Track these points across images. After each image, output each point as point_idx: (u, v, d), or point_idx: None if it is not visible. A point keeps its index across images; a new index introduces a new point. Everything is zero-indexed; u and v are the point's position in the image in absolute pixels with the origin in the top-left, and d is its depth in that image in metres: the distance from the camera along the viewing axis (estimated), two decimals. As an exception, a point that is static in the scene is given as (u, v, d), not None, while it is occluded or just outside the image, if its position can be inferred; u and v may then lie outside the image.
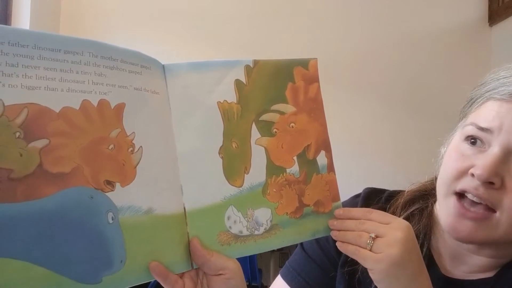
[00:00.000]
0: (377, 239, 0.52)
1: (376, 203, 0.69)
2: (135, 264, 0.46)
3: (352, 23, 3.11)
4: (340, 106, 3.04)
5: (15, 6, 2.61)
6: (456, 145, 0.59)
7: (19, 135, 0.38)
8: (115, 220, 0.44)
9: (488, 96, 0.58)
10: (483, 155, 0.55)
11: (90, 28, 3.02)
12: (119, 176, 0.44)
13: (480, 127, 0.56)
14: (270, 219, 0.56)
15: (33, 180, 0.39)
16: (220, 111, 0.53)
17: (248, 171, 0.54)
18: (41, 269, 0.39)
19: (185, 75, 0.51)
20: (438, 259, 0.65)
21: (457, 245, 0.62)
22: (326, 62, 3.23)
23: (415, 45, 3.05)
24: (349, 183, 1.15)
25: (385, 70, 3.09)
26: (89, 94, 0.42)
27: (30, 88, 0.39)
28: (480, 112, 0.58)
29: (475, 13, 3.11)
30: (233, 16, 3.09)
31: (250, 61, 0.55)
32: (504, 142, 0.54)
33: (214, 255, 0.51)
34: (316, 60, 0.59)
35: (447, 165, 0.59)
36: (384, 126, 3.05)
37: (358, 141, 3.05)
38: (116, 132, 0.44)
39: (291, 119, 0.57)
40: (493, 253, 0.60)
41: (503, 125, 0.54)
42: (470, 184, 0.55)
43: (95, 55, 0.43)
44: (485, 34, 3.06)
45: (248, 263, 2.40)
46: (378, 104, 3.07)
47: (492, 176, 0.53)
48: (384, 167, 2.92)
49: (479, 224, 0.54)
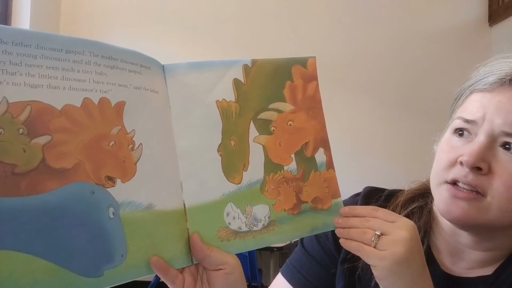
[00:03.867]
0: (382, 237, 0.53)
1: (376, 202, 0.70)
2: (136, 259, 0.47)
3: (352, 23, 3.12)
4: (339, 105, 3.05)
5: (15, 6, 2.62)
6: (446, 139, 0.62)
7: (22, 132, 0.39)
8: (116, 215, 0.45)
9: (472, 89, 0.61)
10: (470, 144, 0.57)
11: (90, 28, 3.03)
12: (120, 172, 0.45)
13: (466, 119, 0.59)
14: (268, 215, 0.57)
15: (36, 175, 0.40)
16: (219, 110, 0.54)
17: (246, 168, 0.55)
18: (43, 262, 0.40)
19: (184, 74, 0.53)
20: (438, 256, 0.66)
21: (455, 240, 0.63)
22: (326, 62, 3.24)
23: (415, 45, 3.05)
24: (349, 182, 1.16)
25: (385, 70, 3.10)
26: (90, 92, 0.43)
27: (33, 86, 0.40)
28: (465, 105, 0.61)
29: (475, 13, 3.12)
30: (233, 16, 3.10)
31: (248, 61, 0.56)
32: (488, 130, 0.56)
33: (214, 250, 0.52)
34: (315, 59, 0.60)
35: (438, 158, 0.61)
36: (383, 126, 3.06)
37: (358, 140, 3.06)
38: (116, 129, 0.45)
39: (289, 117, 0.58)
40: (489, 245, 0.62)
41: (486, 115, 0.56)
42: (460, 172, 0.57)
43: (95, 54, 0.44)
44: (485, 34, 3.07)
45: (248, 263, 2.41)
46: (377, 104, 3.08)
47: (479, 161, 0.55)
48: (384, 167, 2.93)
49: (471, 204, 0.56)
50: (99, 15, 3.04)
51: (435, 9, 3.11)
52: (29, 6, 2.61)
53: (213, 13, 3.08)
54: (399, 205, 0.68)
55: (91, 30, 3.02)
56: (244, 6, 3.10)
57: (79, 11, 3.04)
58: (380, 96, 3.08)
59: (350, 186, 0.79)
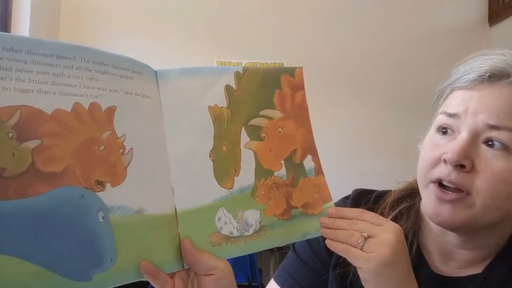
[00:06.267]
0: (369, 239, 0.53)
1: (365, 204, 0.70)
2: (126, 263, 0.47)
3: (352, 23, 3.11)
4: (340, 105, 3.05)
5: (15, 6, 2.63)
6: (429, 137, 0.62)
7: (12, 136, 0.40)
8: (106, 219, 0.45)
9: (452, 87, 0.61)
10: (453, 141, 0.57)
11: (90, 28, 3.04)
12: (110, 177, 0.46)
13: (448, 113, 0.59)
14: (259, 220, 0.57)
15: (25, 179, 0.40)
16: (211, 115, 0.54)
17: (238, 174, 0.56)
18: (32, 266, 0.40)
19: (177, 80, 0.53)
20: (428, 257, 0.66)
21: (444, 240, 0.64)
22: (326, 62, 3.22)
23: (415, 45, 3.04)
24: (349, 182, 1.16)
25: (385, 70, 3.09)
26: (81, 97, 0.44)
27: (23, 91, 0.40)
28: (447, 102, 0.61)
29: (475, 13, 3.10)
30: (233, 16, 3.11)
31: (240, 68, 0.57)
32: (470, 125, 0.56)
33: (205, 255, 0.52)
34: (302, 69, 0.61)
35: (423, 156, 0.61)
36: (384, 126, 3.05)
37: (358, 140, 3.06)
38: (107, 134, 0.46)
39: (278, 124, 0.59)
40: (477, 244, 0.62)
41: (468, 109, 0.57)
42: (443, 171, 0.57)
43: (86, 60, 0.44)
44: (485, 34, 3.06)
45: (248, 263, 2.41)
46: (377, 104, 3.07)
47: (462, 158, 0.55)
48: (385, 167, 2.92)
49: (456, 206, 0.56)
50: (99, 15, 3.05)
51: (435, 9, 3.10)
52: (29, 6, 2.62)
53: (213, 13, 3.08)
54: (387, 206, 0.69)
55: (91, 30, 3.02)
56: (244, 6, 3.10)
57: (79, 11, 3.05)
58: (380, 97, 3.07)
59: (350, 186, 0.79)
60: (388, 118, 3.04)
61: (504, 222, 0.59)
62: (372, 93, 3.08)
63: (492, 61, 0.57)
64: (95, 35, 3.01)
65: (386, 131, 3.06)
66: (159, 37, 3.00)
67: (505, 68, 0.56)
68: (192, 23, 3.03)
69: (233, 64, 3.01)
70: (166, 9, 3.05)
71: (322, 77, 3.00)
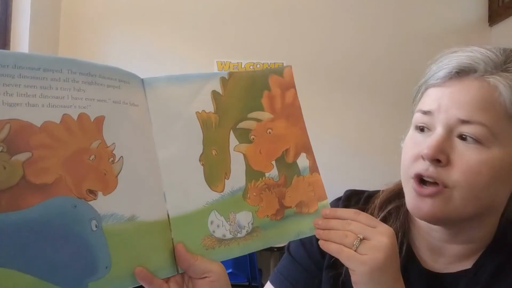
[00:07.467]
0: (364, 241, 0.53)
1: (355, 205, 0.71)
2: (120, 270, 0.48)
3: (352, 24, 3.11)
4: (340, 105, 3.05)
5: (15, 6, 2.63)
6: (410, 136, 0.64)
7: (2, 149, 0.40)
8: (99, 228, 0.46)
9: (426, 85, 0.63)
10: (429, 138, 0.59)
11: (90, 28, 3.03)
12: (101, 185, 0.46)
13: (423, 111, 0.61)
14: (251, 221, 0.58)
15: (17, 191, 0.41)
16: (199, 121, 0.55)
17: (228, 177, 0.56)
18: (27, 276, 0.41)
19: (164, 87, 0.54)
20: (418, 254, 0.67)
21: (432, 237, 0.65)
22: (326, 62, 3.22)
23: (415, 45, 3.04)
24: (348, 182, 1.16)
25: (385, 71, 3.09)
26: (69, 108, 0.44)
27: (12, 105, 0.41)
28: (422, 100, 0.63)
29: (475, 13, 3.11)
30: (233, 16, 3.10)
31: (225, 73, 0.58)
32: (443, 121, 0.58)
33: (199, 258, 0.53)
34: (291, 68, 0.62)
35: (404, 154, 0.63)
36: (383, 126, 3.05)
37: (358, 140, 3.06)
38: (96, 144, 0.46)
39: (268, 126, 0.60)
40: (464, 238, 0.63)
41: (440, 106, 0.58)
42: (421, 166, 0.58)
43: (73, 72, 0.45)
44: (485, 34, 3.06)
45: (248, 263, 2.42)
46: (377, 105, 3.07)
47: (438, 153, 0.56)
48: (385, 167, 2.92)
49: (436, 199, 0.57)
50: (100, 15, 3.04)
51: (435, 9, 3.10)
52: (29, 6, 2.61)
53: (213, 14, 3.08)
54: (377, 207, 0.69)
55: (91, 30, 3.02)
56: (244, 7, 3.10)
57: (79, 11, 3.04)
58: (380, 96, 3.08)
59: (349, 186, 0.80)
60: (388, 118, 3.05)
61: (487, 214, 0.61)
62: (372, 93, 3.09)
63: (459, 58, 0.59)
64: (95, 35, 3.01)
65: (386, 131, 3.06)
66: (159, 38, 2.99)
67: (471, 64, 0.58)
68: (192, 24, 3.03)
69: (233, 64, 3.01)
70: (166, 10, 3.05)
71: (321, 77, 3.00)
